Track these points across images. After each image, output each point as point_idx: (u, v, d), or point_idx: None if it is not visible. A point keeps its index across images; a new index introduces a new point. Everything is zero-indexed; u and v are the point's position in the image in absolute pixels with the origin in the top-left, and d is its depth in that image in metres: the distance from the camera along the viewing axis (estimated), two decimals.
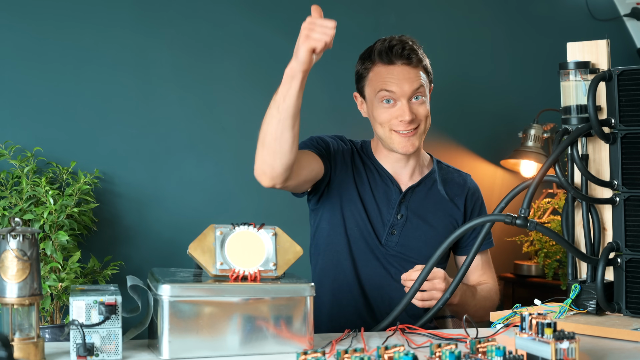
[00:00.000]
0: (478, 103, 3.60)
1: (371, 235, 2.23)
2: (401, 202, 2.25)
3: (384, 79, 2.18)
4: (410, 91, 2.17)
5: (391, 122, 2.19)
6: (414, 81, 2.18)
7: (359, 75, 2.26)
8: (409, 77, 2.17)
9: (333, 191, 2.25)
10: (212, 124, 3.12)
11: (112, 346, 1.52)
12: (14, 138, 2.81)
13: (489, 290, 2.28)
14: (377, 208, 2.25)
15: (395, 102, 2.18)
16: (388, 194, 2.26)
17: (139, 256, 2.99)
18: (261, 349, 1.58)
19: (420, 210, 2.26)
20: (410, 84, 2.17)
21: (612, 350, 1.63)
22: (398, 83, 2.17)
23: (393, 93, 2.17)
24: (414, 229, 2.25)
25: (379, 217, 2.24)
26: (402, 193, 2.26)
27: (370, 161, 2.30)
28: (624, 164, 1.86)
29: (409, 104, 2.17)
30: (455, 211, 2.29)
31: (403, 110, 2.16)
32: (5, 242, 1.48)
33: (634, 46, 3.91)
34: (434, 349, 1.38)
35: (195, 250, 1.62)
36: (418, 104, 2.19)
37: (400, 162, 2.28)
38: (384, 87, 2.18)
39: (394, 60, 2.18)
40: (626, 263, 1.86)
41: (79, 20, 2.94)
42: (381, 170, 2.28)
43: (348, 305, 2.24)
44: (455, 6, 3.58)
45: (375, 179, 2.28)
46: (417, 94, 2.19)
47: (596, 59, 1.93)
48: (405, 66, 2.18)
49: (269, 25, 3.21)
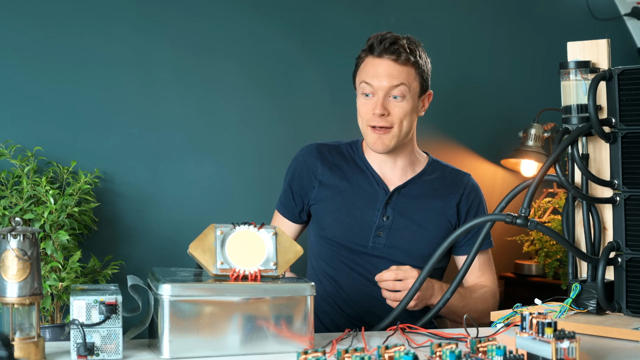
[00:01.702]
0: (478, 103, 3.60)
1: (355, 240, 2.23)
2: (387, 203, 2.23)
3: (368, 71, 2.18)
4: (387, 87, 2.15)
5: (368, 117, 2.19)
6: (395, 78, 2.15)
7: (355, 68, 2.27)
8: (391, 74, 2.15)
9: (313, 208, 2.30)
10: (213, 123, 3.12)
11: (113, 346, 1.52)
12: (14, 138, 2.81)
13: (483, 292, 2.24)
14: (361, 211, 2.23)
15: (374, 96, 2.18)
16: (374, 195, 2.24)
17: (139, 256, 2.99)
18: (262, 348, 1.58)
19: (409, 211, 2.23)
20: (390, 80, 2.15)
21: (612, 350, 1.63)
22: (378, 77, 2.16)
23: (370, 86, 2.17)
24: (401, 230, 2.22)
25: (364, 220, 2.22)
26: (387, 194, 2.24)
27: (359, 160, 2.29)
28: (625, 164, 1.86)
29: (384, 99, 2.16)
30: (448, 210, 2.25)
31: (376, 103, 2.16)
32: (6, 242, 1.48)
33: (635, 45, 3.91)
34: (435, 349, 1.38)
35: (196, 250, 1.62)
36: (396, 103, 2.17)
37: (388, 162, 2.26)
38: (365, 79, 2.18)
39: (382, 54, 2.16)
40: (626, 262, 1.86)
41: (79, 19, 2.94)
42: (367, 170, 2.27)
43: (326, 313, 2.26)
44: (455, 6, 3.58)
45: (360, 180, 2.26)
46: (396, 93, 2.16)
47: (596, 59, 1.93)
48: (391, 62, 2.16)
49: (270, 24, 3.21)
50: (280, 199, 2.37)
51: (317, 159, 2.31)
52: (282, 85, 3.23)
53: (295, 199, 2.32)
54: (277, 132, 3.20)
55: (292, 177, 2.33)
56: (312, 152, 2.33)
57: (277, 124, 3.21)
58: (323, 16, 3.30)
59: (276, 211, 2.38)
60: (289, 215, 2.34)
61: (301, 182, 2.31)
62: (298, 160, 2.34)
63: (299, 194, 2.31)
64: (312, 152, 2.33)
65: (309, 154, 2.33)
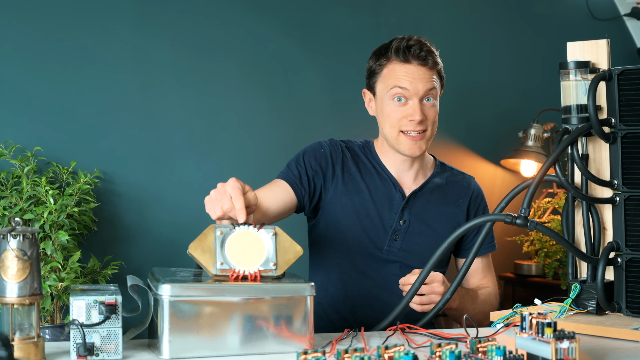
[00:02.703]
0: (478, 103, 3.60)
1: (371, 243, 2.20)
2: (404, 207, 2.22)
3: (399, 76, 2.16)
4: (423, 91, 2.15)
5: (401, 122, 2.16)
6: (428, 82, 2.16)
7: (371, 71, 2.23)
8: (424, 77, 2.16)
9: (327, 207, 2.22)
10: (213, 123, 3.12)
11: (112, 346, 1.52)
12: (14, 138, 2.81)
13: (488, 294, 2.26)
14: (378, 214, 2.22)
15: (407, 101, 2.16)
16: (390, 198, 2.23)
17: (139, 256, 2.99)
18: (261, 348, 1.58)
19: (424, 215, 2.23)
20: (424, 83, 2.15)
21: (612, 350, 1.63)
22: (412, 81, 2.15)
23: (406, 90, 2.15)
24: (417, 234, 2.22)
25: (380, 223, 2.21)
26: (405, 198, 2.23)
27: (374, 162, 2.27)
28: (624, 164, 1.86)
29: (420, 104, 2.16)
30: (459, 214, 2.27)
31: (414, 109, 2.14)
32: (6, 242, 1.48)
33: (634, 46, 3.91)
34: (434, 349, 1.38)
35: (196, 250, 1.62)
36: (429, 106, 2.17)
37: (405, 164, 2.25)
38: (398, 84, 2.15)
39: (410, 59, 2.15)
40: (626, 263, 1.86)
41: (79, 19, 2.94)
42: (384, 173, 2.25)
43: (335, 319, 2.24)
44: (455, 6, 3.58)
45: (377, 182, 2.24)
46: (429, 96, 2.17)
47: (596, 59, 1.93)
48: (420, 66, 2.16)
49: (270, 24, 3.21)
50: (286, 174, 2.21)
51: (339, 154, 2.24)
52: (282, 86, 3.23)
53: (308, 174, 2.19)
54: (276, 132, 3.20)
55: (308, 159, 2.21)
56: (334, 147, 2.26)
57: (276, 124, 3.21)
58: (323, 16, 3.30)
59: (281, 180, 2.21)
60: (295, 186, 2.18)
61: (319, 165, 2.21)
62: (322, 146, 2.24)
63: (313, 175, 2.21)
64: (334, 147, 2.26)
65: (334, 146, 2.25)
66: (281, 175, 2.22)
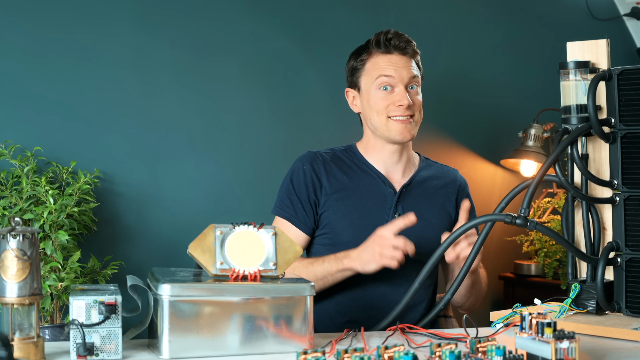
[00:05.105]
0: (478, 103, 3.60)
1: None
2: (397, 202, 2.24)
3: (382, 66, 2.23)
4: (407, 77, 2.23)
5: (388, 109, 2.22)
6: (411, 69, 2.24)
7: (353, 68, 2.30)
8: (407, 65, 2.24)
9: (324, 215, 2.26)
10: (212, 123, 3.12)
11: (112, 346, 1.52)
12: (14, 138, 2.81)
13: (484, 276, 2.31)
14: (372, 212, 2.23)
15: (393, 89, 2.22)
16: (382, 195, 2.24)
17: (139, 256, 2.99)
18: (261, 348, 1.58)
19: (416, 208, 2.24)
20: (407, 71, 2.23)
21: (612, 350, 1.64)
22: (396, 69, 2.23)
23: (392, 78, 2.22)
24: (412, 227, 2.23)
25: (375, 220, 2.21)
26: (396, 193, 2.25)
27: (360, 162, 2.29)
28: (624, 164, 1.86)
29: (406, 92, 2.22)
30: (448, 204, 2.30)
31: (401, 95, 2.21)
32: (5, 242, 1.48)
33: (634, 46, 3.91)
34: (434, 349, 1.38)
35: (195, 250, 1.62)
36: (414, 93, 2.25)
37: (394, 157, 2.28)
38: (383, 73, 2.22)
39: (391, 50, 2.24)
40: (626, 263, 1.86)
41: (79, 20, 2.94)
42: (371, 171, 2.27)
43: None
44: (455, 6, 3.58)
45: (365, 182, 2.26)
46: (413, 83, 2.25)
47: (596, 59, 1.93)
48: (402, 55, 2.25)
49: (270, 24, 3.21)
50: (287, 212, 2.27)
51: (320, 165, 2.28)
52: (282, 85, 3.23)
53: (305, 207, 2.25)
54: (276, 132, 3.20)
55: (298, 187, 2.26)
56: (313, 159, 2.29)
57: (276, 124, 3.21)
58: (323, 16, 3.30)
59: (284, 220, 2.27)
60: (302, 227, 2.26)
61: (307, 189, 2.26)
62: (300, 170, 2.28)
63: (308, 202, 2.25)
64: (313, 159, 2.29)
65: (310, 161, 2.29)
66: (282, 215, 2.27)
